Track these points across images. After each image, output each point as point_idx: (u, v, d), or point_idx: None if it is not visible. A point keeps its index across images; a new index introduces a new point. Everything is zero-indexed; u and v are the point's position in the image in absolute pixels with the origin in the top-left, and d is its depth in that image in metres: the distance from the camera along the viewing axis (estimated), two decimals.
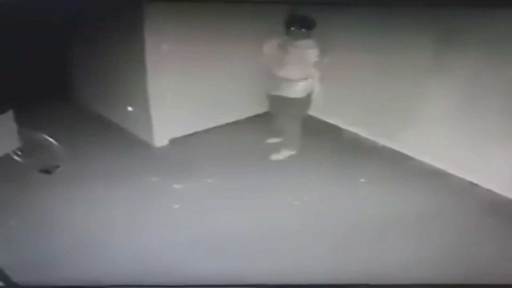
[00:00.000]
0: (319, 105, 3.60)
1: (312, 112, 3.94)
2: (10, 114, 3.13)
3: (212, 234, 2.62)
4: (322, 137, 4.02)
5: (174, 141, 3.80)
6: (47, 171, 3.10)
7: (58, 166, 3.09)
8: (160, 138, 3.73)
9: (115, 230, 2.60)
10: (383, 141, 3.94)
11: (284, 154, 3.71)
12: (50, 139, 3.15)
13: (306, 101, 3.55)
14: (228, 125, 4.20)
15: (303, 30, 3.29)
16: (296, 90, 3.38)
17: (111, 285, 2.12)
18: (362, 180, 3.33)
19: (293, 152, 3.72)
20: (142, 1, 3.09)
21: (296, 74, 3.33)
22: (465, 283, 2.13)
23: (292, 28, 3.34)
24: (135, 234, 2.58)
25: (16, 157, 3.19)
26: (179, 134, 3.84)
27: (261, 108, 4.44)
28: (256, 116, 4.43)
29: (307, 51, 3.28)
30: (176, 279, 2.15)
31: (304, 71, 3.32)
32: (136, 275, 2.19)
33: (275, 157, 3.69)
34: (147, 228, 2.65)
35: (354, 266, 2.40)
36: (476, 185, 3.33)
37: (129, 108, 3.73)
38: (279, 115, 3.66)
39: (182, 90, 3.67)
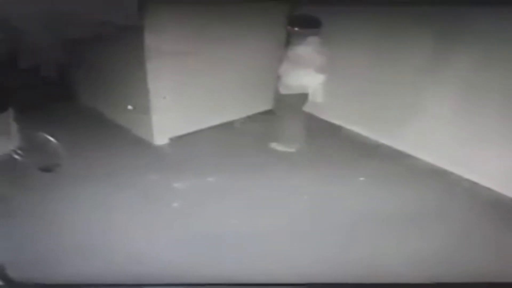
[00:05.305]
0: (319, 104, 3.60)
1: (313, 111, 3.95)
2: (10, 113, 3.14)
3: (212, 232, 2.62)
4: (322, 136, 4.03)
5: (174, 140, 3.82)
6: (47, 169, 3.11)
7: (58, 165, 3.10)
8: (160, 136, 3.74)
9: (115, 228, 2.61)
10: (383, 139, 3.95)
11: (286, 150, 3.74)
12: (50, 138, 3.16)
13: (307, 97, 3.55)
14: (228, 123, 4.22)
15: (308, 30, 3.27)
16: (303, 87, 3.38)
17: (111, 283, 2.12)
18: (362, 178, 3.33)
19: (293, 150, 3.75)
20: (142, 2, 3.09)
21: (303, 73, 3.33)
22: (464, 281, 2.13)
23: (296, 29, 3.31)
24: (135, 231, 2.59)
25: (16, 156, 3.20)
26: (179, 132, 3.86)
27: (260, 107, 4.46)
28: (256, 114, 4.45)
29: (314, 51, 3.27)
30: (177, 278, 2.15)
31: (311, 70, 3.31)
32: (136, 273, 2.20)
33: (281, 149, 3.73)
34: (147, 226, 2.65)
35: (353, 265, 2.40)
36: (475, 183, 3.33)
37: (130, 107, 3.74)
38: (285, 113, 3.66)
39: (182, 90, 3.68)
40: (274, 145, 3.77)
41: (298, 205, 2.98)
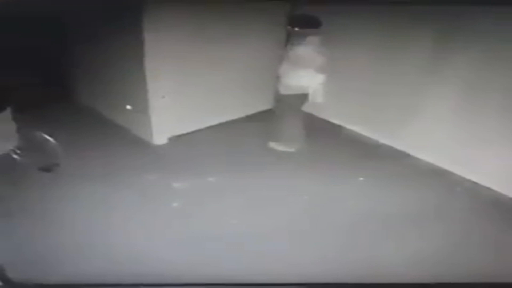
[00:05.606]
0: (319, 104, 3.59)
1: (313, 111, 3.95)
2: (8, 112, 3.13)
3: (211, 232, 2.62)
4: (322, 136, 4.02)
5: (173, 139, 3.81)
6: (46, 169, 3.10)
7: (57, 164, 3.09)
8: (159, 136, 3.74)
9: (114, 228, 2.61)
10: (383, 139, 3.95)
11: (286, 150, 3.73)
12: (49, 138, 3.15)
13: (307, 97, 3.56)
14: (227, 123, 4.21)
15: (308, 30, 3.28)
16: (302, 87, 3.39)
17: (111, 283, 2.12)
18: (361, 178, 3.32)
19: (293, 150, 3.74)
20: (142, 1, 3.09)
21: (303, 73, 3.34)
22: (464, 281, 2.12)
23: (296, 29, 3.32)
24: (134, 231, 2.58)
25: (15, 156, 3.19)
26: (178, 132, 3.86)
27: (260, 106, 4.45)
28: (255, 114, 4.44)
29: (314, 51, 3.28)
30: (177, 278, 2.15)
31: (311, 70, 3.32)
32: (136, 273, 2.19)
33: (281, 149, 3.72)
34: (147, 226, 2.65)
35: (353, 265, 2.40)
36: (476, 183, 3.33)
37: (129, 107, 3.74)
38: (285, 113, 3.67)
39: (181, 89, 3.68)
40: (274, 145, 3.76)
41: (298, 205, 2.98)
